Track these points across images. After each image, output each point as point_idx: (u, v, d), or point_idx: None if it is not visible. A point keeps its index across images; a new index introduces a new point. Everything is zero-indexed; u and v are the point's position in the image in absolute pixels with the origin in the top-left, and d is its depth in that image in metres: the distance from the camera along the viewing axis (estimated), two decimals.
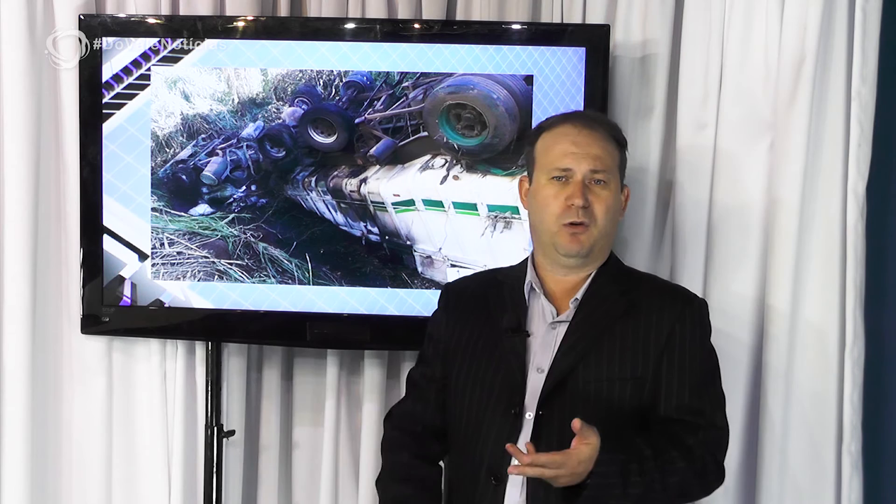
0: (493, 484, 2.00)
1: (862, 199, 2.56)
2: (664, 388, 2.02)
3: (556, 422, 1.98)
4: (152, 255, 2.69)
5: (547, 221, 2.07)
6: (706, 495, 2.09)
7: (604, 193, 2.06)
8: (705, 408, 2.04)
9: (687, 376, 2.03)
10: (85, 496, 2.90)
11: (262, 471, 2.93)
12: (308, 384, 2.92)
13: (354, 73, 2.61)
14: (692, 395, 2.03)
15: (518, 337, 2.05)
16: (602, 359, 2.02)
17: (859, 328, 2.58)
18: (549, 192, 2.07)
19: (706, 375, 2.08)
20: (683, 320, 2.06)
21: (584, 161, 2.06)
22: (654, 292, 2.11)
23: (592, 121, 2.13)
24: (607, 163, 2.08)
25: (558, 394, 2.00)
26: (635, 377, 2.01)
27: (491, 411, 2.04)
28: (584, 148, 2.07)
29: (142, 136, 2.66)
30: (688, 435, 2.00)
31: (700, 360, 2.07)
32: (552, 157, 2.08)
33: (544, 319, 2.07)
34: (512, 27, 2.65)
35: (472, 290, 2.21)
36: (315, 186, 2.65)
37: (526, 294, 2.10)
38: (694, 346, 2.06)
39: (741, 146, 2.64)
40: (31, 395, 2.82)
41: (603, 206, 2.06)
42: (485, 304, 2.14)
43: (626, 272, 2.19)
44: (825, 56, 2.57)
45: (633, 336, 2.04)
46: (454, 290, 2.25)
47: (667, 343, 2.04)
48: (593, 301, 2.06)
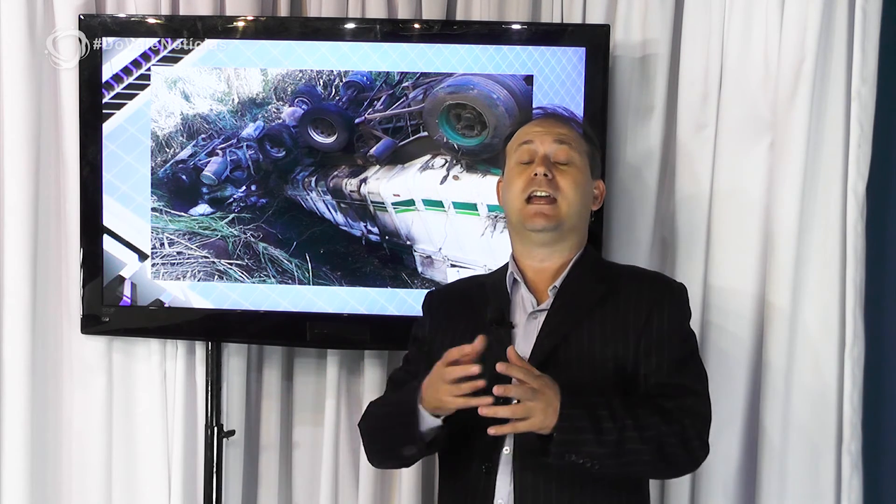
0: (483, 473, 2.00)
1: (862, 199, 2.56)
2: (643, 368, 2.02)
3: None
4: (152, 255, 2.69)
5: (513, 200, 2.08)
6: (692, 466, 2.04)
7: (570, 170, 2.07)
8: (685, 383, 2.03)
9: (666, 356, 2.02)
10: (85, 496, 2.90)
11: (262, 471, 2.93)
12: (308, 384, 2.92)
13: (354, 73, 2.61)
14: (671, 373, 2.02)
15: (503, 328, 2.05)
16: (583, 342, 2.02)
17: (859, 328, 2.58)
18: (515, 174, 2.10)
19: (686, 355, 2.07)
20: (662, 303, 2.05)
21: (546, 137, 2.08)
22: (632, 278, 2.12)
23: (560, 114, 2.18)
24: (572, 142, 2.09)
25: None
26: (616, 357, 2.01)
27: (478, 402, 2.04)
28: (547, 127, 2.11)
29: (142, 136, 2.66)
30: (665, 400, 1.98)
31: (680, 340, 2.06)
32: (518, 141, 2.12)
33: (525, 310, 2.07)
34: (512, 27, 2.65)
35: (455, 294, 2.22)
36: (315, 186, 2.65)
37: (508, 287, 2.10)
38: (673, 328, 2.05)
39: (741, 146, 2.64)
40: (31, 394, 2.82)
41: (569, 180, 2.06)
42: (469, 303, 2.14)
43: (604, 263, 2.22)
44: (825, 56, 2.57)
45: (612, 320, 2.04)
46: (437, 295, 2.26)
47: (645, 325, 2.03)
48: (571, 288, 2.07)
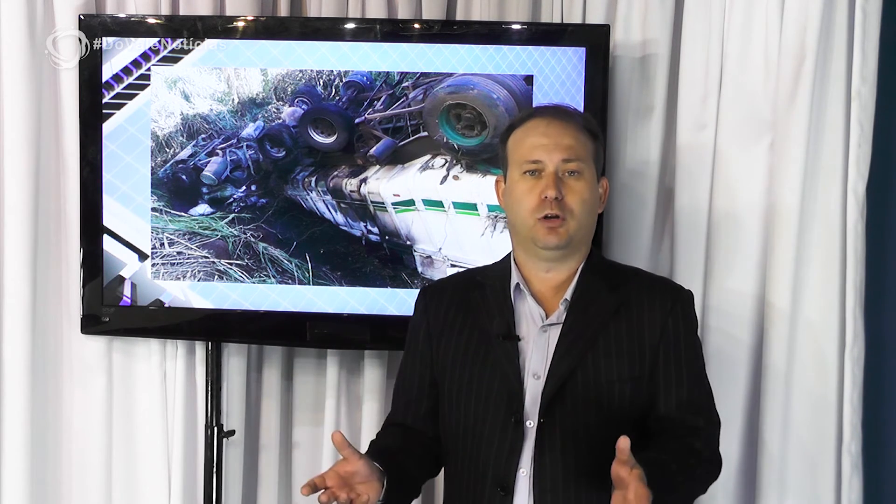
0: (500, 494, 1.96)
1: (862, 199, 2.56)
2: (662, 384, 2.01)
3: (559, 429, 1.96)
4: (152, 255, 2.69)
5: (523, 217, 2.03)
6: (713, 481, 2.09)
7: (578, 185, 2.01)
8: (702, 403, 2.04)
9: (684, 371, 2.02)
10: (85, 496, 2.90)
11: (262, 471, 2.93)
12: (308, 384, 2.92)
13: (354, 73, 2.61)
14: (690, 390, 2.02)
15: (510, 343, 2.01)
16: (600, 360, 1.99)
17: (859, 328, 2.57)
18: (522, 188, 2.03)
19: (699, 369, 2.08)
20: (676, 315, 2.03)
21: (555, 152, 2.01)
22: (642, 287, 2.07)
23: (562, 112, 2.09)
24: (580, 153, 2.02)
25: (559, 400, 1.96)
26: (633, 376, 1.99)
27: (490, 421, 2.00)
28: (554, 139, 2.03)
29: (142, 136, 2.66)
30: (694, 439, 1.99)
31: (693, 353, 2.05)
32: (523, 151, 2.04)
33: (534, 322, 2.03)
34: (512, 27, 2.65)
35: (451, 294, 2.14)
36: (315, 186, 2.65)
37: (511, 295, 2.06)
38: (687, 341, 2.04)
39: (741, 146, 2.64)
40: (31, 394, 2.82)
41: (577, 198, 2.01)
42: (468, 308, 2.09)
43: (610, 267, 2.14)
44: (825, 56, 2.57)
45: (627, 335, 2.01)
46: (432, 294, 2.18)
47: (661, 339, 2.01)
48: (583, 300, 2.02)
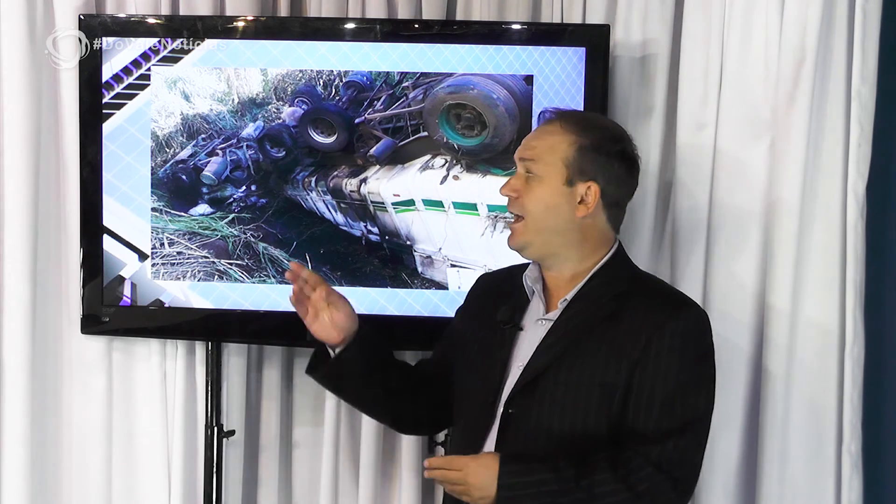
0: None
1: (862, 199, 2.56)
2: (633, 401, 1.91)
3: (524, 420, 1.96)
4: (152, 255, 2.69)
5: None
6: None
7: (534, 185, 1.98)
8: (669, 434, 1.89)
9: (657, 394, 1.90)
10: (85, 496, 2.90)
11: (262, 471, 2.93)
12: (308, 384, 2.90)
13: (354, 73, 2.61)
14: (658, 419, 1.90)
15: (508, 329, 2.03)
16: (576, 361, 1.95)
17: (859, 328, 2.57)
18: None
19: (680, 394, 1.91)
20: (664, 333, 1.91)
21: (520, 151, 2.03)
22: (643, 297, 1.98)
23: (556, 114, 2.07)
24: (542, 154, 1.99)
25: (529, 392, 1.96)
26: (605, 383, 1.92)
27: (470, 402, 2.05)
28: (527, 140, 2.05)
29: (142, 136, 2.66)
30: (622, 469, 1.88)
31: (676, 375, 1.90)
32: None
33: (536, 316, 2.05)
34: (512, 27, 2.65)
35: (492, 283, 2.20)
36: (315, 186, 2.65)
37: (528, 288, 2.07)
38: (668, 363, 1.90)
39: (741, 146, 2.63)
40: (31, 395, 2.82)
41: (531, 198, 1.97)
42: (497, 297, 2.11)
43: (628, 274, 2.05)
44: (825, 56, 2.57)
45: (609, 342, 1.94)
46: (480, 281, 2.25)
47: (641, 354, 1.91)
48: (581, 302, 2.00)
